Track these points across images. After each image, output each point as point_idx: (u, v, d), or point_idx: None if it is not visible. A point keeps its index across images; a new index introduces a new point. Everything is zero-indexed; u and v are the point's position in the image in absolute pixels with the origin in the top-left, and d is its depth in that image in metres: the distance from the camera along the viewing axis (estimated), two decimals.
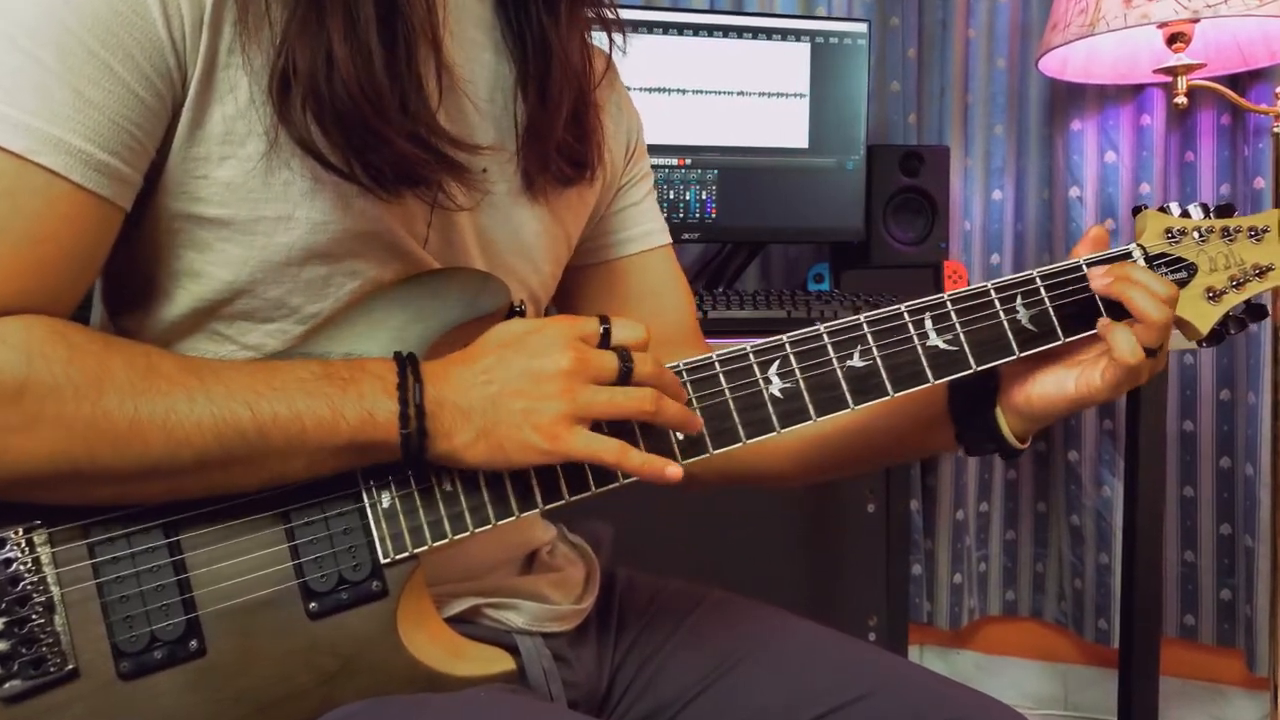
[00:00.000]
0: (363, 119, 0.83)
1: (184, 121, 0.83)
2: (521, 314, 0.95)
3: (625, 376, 0.85)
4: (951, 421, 1.04)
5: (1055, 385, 0.97)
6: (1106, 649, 2.55)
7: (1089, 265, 0.97)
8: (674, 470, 0.85)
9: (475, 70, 0.98)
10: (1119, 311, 0.94)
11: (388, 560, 0.85)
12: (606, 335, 0.87)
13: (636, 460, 0.84)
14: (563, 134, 1.01)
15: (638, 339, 0.88)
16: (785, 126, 2.24)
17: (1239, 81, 2.31)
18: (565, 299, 1.18)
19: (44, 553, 0.80)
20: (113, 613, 0.80)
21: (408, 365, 0.83)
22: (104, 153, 0.79)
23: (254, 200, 0.85)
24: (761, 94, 2.22)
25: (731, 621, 1.10)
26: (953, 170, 2.50)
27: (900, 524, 2.57)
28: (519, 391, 0.83)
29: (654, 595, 1.14)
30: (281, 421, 0.80)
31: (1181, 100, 2.07)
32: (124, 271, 0.90)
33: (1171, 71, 2.07)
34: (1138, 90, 2.43)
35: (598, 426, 0.85)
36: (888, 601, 2.41)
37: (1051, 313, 0.95)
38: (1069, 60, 2.32)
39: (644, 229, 1.19)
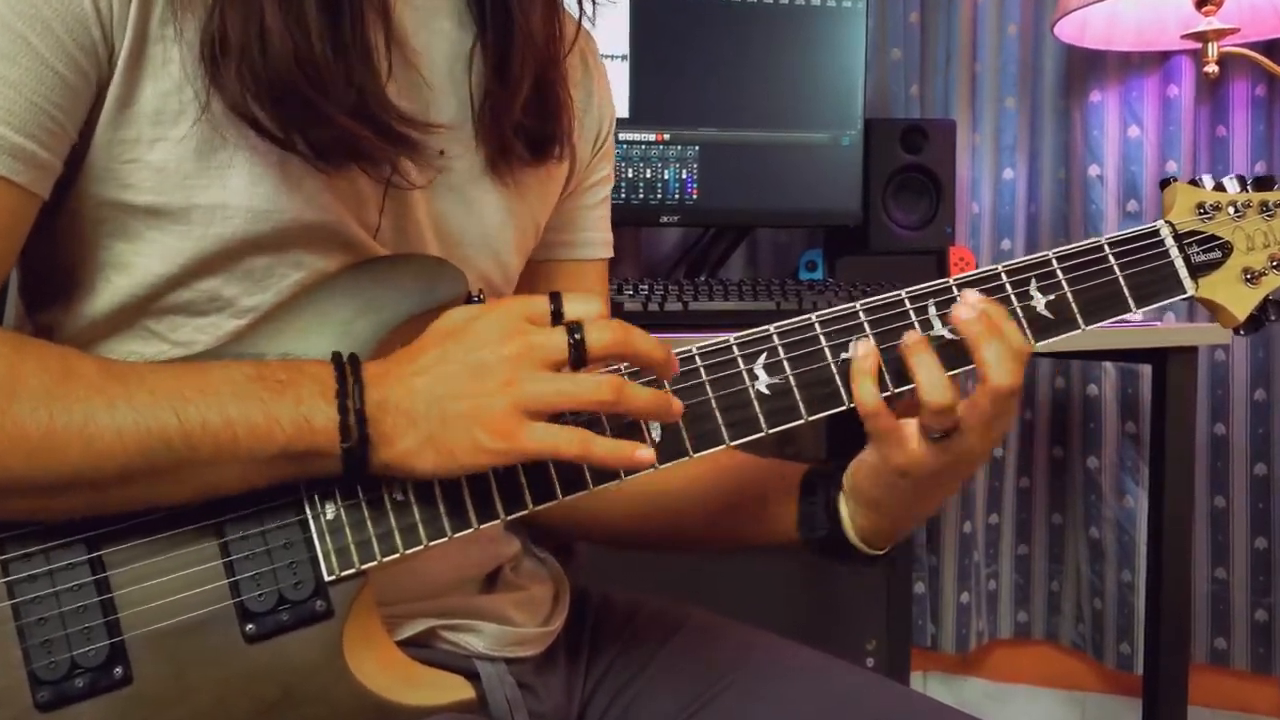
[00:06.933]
0: (301, 95, 0.84)
1: (110, 101, 0.83)
2: (480, 303, 0.95)
3: (578, 353, 0.82)
4: (798, 501, 1.04)
5: (870, 455, 0.96)
6: (1129, 676, 2.57)
7: (1111, 245, 0.97)
8: (645, 452, 0.83)
9: (432, 39, 0.98)
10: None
11: (332, 577, 0.85)
12: (559, 317, 0.85)
13: (602, 450, 0.82)
14: (522, 114, 1.01)
15: (593, 313, 0.85)
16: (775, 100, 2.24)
17: (1275, 48, 2.32)
18: None
19: None
20: (30, 637, 0.80)
21: (347, 368, 0.83)
22: (19, 135, 0.79)
23: (188, 186, 0.85)
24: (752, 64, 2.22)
25: (716, 646, 1.10)
26: (959, 147, 2.50)
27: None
28: (462, 391, 0.81)
29: (630, 616, 1.15)
30: (211, 429, 0.79)
31: (1212, 69, 2.08)
32: (43, 264, 0.90)
33: (1201, 37, 2.09)
34: (1164, 58, 2.44)
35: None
36: (888, 624, 2.43)
37: (1071, 298, 0.95)
38: (1088, 25, 2.34)
39: (591, 235, 1.19)
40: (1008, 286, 0.95)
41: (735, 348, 0.92)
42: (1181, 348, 2.00)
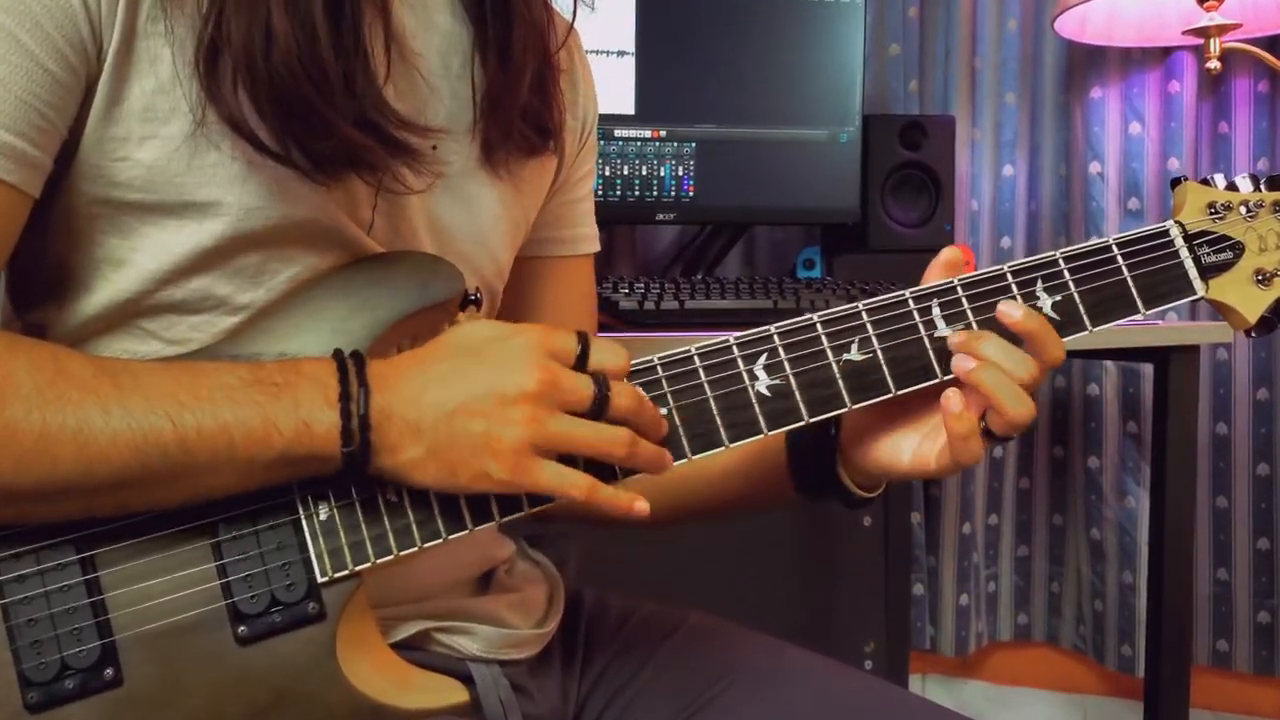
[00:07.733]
0: (305, 100, 0.83)
1: (100, 98, 0.83)
2: (477, 303, 0.95)
3: (600, 407, 0.84)
4: (791, 475, 1.05)
5: (891, 452, 0.96)
6: (1130, 678, 2.57)
7: (1119, 245, 0.96)
8: (641, 506, 0.84)
9: (428, 36, 0.98)
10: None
11: (325, 579, 0.84)
12: (583, 357, 0.86)
13: (605, 496, 0.84)
14: (528, 96, 1.01)
15: (617, 365, 0.87)
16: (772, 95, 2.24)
17: (1278, 44, 2.32)
18: None
19: None
20: (19, 638, 0.80)
21: (350, 368, 0.83)
22: (9, 134, 0.79)
23: (179, 184, 0.85)
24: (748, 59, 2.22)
25: (712, 649, 1.10)
26: (959, 143, 2.50)
27: (900, 539, 2.58)
28: (479, 412, 0.81)
29: (625, 618, 1.15)
30: (207, 435, 0.79)
31: (1214, 65, 2.08)
32: (34, 262, 0.90)
33: (1203, 32, 2.09)
34: (1165, 53, 2.45)
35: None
36: (886, 626, 2.43)
37: (1078, 299, 0.94)
38: (1088, 20, 2.34)
39: (577, 231, 1.19)
40: (1013, 287, 0.94)
41: (735, 348, 0.91)
42: (1183, 347, 2.00)
